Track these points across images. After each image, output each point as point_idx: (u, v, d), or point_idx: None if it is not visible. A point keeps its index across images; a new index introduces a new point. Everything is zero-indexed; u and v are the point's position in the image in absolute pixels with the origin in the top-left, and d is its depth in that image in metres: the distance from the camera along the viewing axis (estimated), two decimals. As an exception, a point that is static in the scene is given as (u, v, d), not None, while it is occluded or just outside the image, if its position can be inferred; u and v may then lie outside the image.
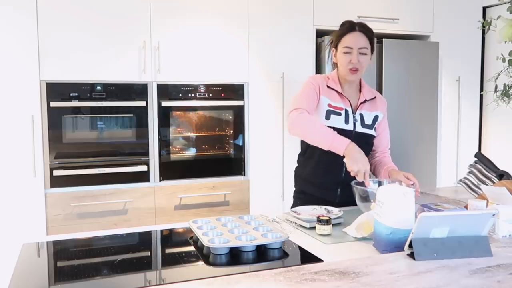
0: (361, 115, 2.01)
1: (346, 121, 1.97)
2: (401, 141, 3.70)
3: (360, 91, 2.06)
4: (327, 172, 2.00)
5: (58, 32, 2.91)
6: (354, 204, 1.80)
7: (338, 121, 1.95)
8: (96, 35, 2.98)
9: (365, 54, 1.96)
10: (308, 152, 2.06)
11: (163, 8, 3.11)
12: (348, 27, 1.98)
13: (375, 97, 2.08)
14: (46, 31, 2.88)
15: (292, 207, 2.04)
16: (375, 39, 2.04)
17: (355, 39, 1.95)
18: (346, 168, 1.91)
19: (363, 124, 2.00)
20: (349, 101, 2.00)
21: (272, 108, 3.41)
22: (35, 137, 2.88)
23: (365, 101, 2.03)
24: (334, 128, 1.89)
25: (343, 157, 1.81)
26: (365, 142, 1.97)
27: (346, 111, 1.98)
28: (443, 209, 1.60)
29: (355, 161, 1.73)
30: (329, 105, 1.97)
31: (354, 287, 1.07)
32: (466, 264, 1.20)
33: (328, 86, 2.00)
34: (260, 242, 1.40)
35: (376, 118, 2.05)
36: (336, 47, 2.01)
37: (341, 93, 1.99)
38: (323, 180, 2.02)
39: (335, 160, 1.93)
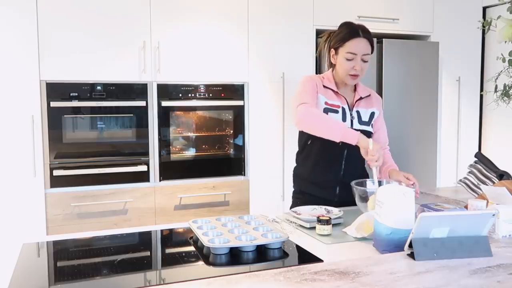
0: (357, 112, 2.02)
1: (344, 119, 1.98)
2: (401, 141, 3.70)
3: (355, 89, 2.07)
4: (325, 170, 2.01)
5: (58, 32, 2.91)
6: (354, 203, 1.80)
7: (335, 119, 1.96)
8: (96, 35, 2.98)
9: (367, 61, 1.97)
10: (306, 151, 2.08)
11: (163, 8, 3.11)
12: (351, 32, 1.95)
13: (370, 95, 2.09)
14: (46, 31, 2.88)
15: (292, 207, 2.04)
16: (375, 42, 2.04)
17: (360, 46, 1.93)
18: (344, 166, 1.96)
19: (360, 121, 2.01)
20: (345, 99, 2.01)
21: (272, 108, 3.41)
22: (35, 137, 2.88)
23: (361, 98, 2.05)
24: None
25: (341, 155, 1.90)
26: None
27: (343, 109, 1.99)
28: (443, 209, 1.60)
29: (350, 137, 1.79)
30: (326, 103, 1.98)
31: (354, 287, 1.07)
32: (466, 264, 1.20)
33: (324, 86, 2.01)
34: (260, 242, 1.40)
35: (372, 114, 2.07)
36: (336, 49, 2.00)
37: (337, 92, 2.01)
38: (321, 179, 2.02)
39: (333, 159, 1.97)
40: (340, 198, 1.99)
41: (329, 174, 2.01)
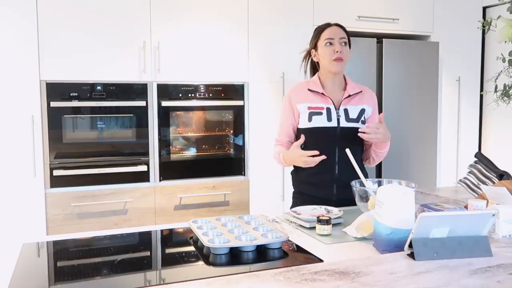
0: (345, 110, 2.04)
1: (329, 119, 2.01)
2: (401, 141, 3.69)
3: (345, 88, 2.09)
4: (321, 171, 2.03)
5: (58, 32, 2.91)
6: (352, 201, 1.81)
7: (319, 121, 2.02)
8: (96, 35, 2.98)
9: (346, 44, 2.05)
10: None
11: (163, 8, 3.11)
12: (323, 25, 2.10)
13: (361, 91, 2.10)
14: (46, 31, 2.88)
15: (292, 207, 2.07)
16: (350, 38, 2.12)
17: (334, 31, 2.05)
18: (338, 165, 2.01)
19: (348, 119, 2.03)
20: (331, 99, 2.04)
21: (272, 108, 3.41)
22: (35, 137, 2.88)
23: (349, 96, 2.06)
24: (317, 128, 1.99)
25: (334, 155, 1.99)
26: (352, 136, 2.01)
27: (328, 109, 2.02)
28: (443, 209, 1.60)
29: (294, 161, 2.04)
30: (309, 107, 2.04)
31: (354, 287, 1.07)
32: (466, 264, 1.20)
33: (309, 90, 2.07)
34: (260, 242, 1.40)
35: (363, 111, 2.07)
36: (315, 47, 2.09)
37: (322, 93, 2.05)
38: (318, 180, 2.04)
39: (328, 160, 1.99)
40: (338, 197, 2.00)
41: (325, 174, 2.03)
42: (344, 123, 2.01)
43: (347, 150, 1.86)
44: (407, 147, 3.73)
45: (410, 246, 1.25)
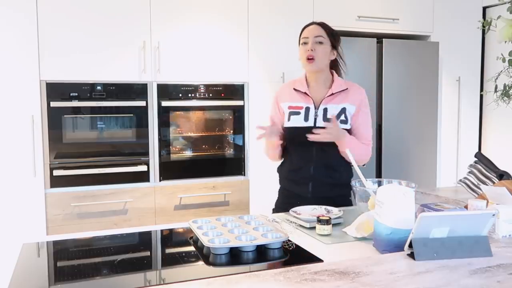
0: (325, 109, 2.02)
1: (306, 119, 2.03)
2: (401, 141, 3.70)
3: (330, 86, 2.07)
4: (298, 169, 2.08)
5: (58, 32, 2.91)
6: (326, 199, 1.89)
7: (296, 120, 2.04)
8: (96, 35, 2.98)
9: (321, 43, 2.03)
10: (284, 154, 2.18)
11: (163, 8, 3.11)
12: (306, 24, 2.12)
13: (347, 89, 2.06)
14: (46, 31, 2.88)
15: (276, 201, 2.18)
16: (337, 36, 2.10)
17: (310, 30, 2.06)
18: (314, 164, 2.05)
19: (326, 118, 2.01)
20: (312, 98, 2.05)
21: (272, 108, 3.40)
22: (35, 137, 2.88)
23: (332, 94, 2.04)
24: (294, 128, 2.03)
25: (311, 155, 2.02)
26: None
27: (307, 109, 2.04)
28: (443, 209, 1.60)
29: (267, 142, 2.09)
30: (289, 107, 2.08)
31: (354, 287, 1.07)
32: (466, 264, 1.20)
33: (294, 89, 2.09)
34: (260, 242, 1.40)
35: (343, 110, 2.03)
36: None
37: (305, 92, 2.06)
38: (296, 177, 2.09)
39: (304, 159, 2.05)
40: (313, 195, 2.03)
41: (301, 172, 2.06)
42: (321, 123, 2.00)
43: (347, 150, 1.86)
44: (407, 147, 3.73)
45: (410, 246, 1.25)
